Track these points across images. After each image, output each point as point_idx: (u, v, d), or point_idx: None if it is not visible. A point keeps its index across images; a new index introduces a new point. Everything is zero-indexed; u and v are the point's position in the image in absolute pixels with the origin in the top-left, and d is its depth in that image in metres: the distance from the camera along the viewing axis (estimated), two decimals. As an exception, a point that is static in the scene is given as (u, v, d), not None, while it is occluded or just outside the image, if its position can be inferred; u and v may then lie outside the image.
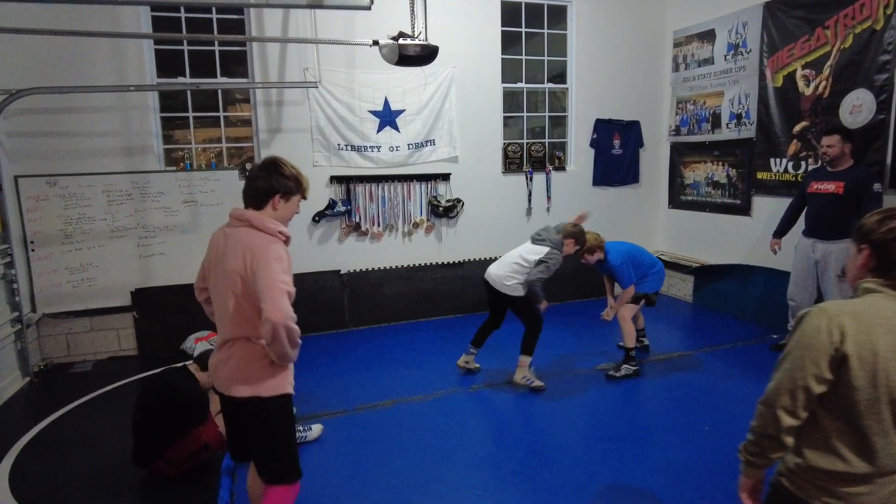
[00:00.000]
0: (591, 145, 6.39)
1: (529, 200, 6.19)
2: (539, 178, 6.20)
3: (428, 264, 5.90)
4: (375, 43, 4.49)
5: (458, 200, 5.87)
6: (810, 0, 4.80)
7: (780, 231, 4.66)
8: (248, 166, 5.28)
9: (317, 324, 5.51)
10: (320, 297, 5.52)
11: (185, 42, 4.98)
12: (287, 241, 2.12)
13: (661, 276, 4.45)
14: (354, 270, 5.66)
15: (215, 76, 5.13)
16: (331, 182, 5.47)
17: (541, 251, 3.94)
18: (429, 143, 5.75)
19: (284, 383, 2.11)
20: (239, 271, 2.00)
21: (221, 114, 5.26)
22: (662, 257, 6.70)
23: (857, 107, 4.49)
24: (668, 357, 4.68)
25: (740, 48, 5.50)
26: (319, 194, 5.42)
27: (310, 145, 5.35)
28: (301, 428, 3.42)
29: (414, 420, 3.69)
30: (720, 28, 5.71)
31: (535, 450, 3.29)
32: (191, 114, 5.16)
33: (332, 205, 5.46)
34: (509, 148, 6.09)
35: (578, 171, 6.40)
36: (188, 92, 5.10)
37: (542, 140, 6.29)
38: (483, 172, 5.99)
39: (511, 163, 6.10)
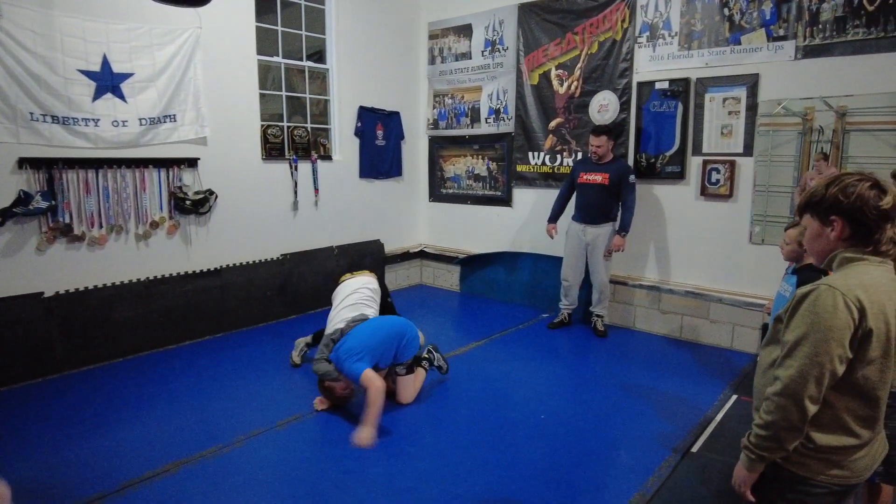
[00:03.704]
0: (356, 134, 5.93)
1: (296, 193, 5.43)
2: (305, 167, 5.47)
3: (174, 275, 4.63)
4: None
5: (210, 192, 4.77)
6: (560, 7, 5.25)
7: (554, 217, 5.01)
8: None
9: (10, 373, 3.81)
10: (14, 333, 3.82)
11: None
12: None
13: (413, 334, 3.59)
14: (66, 291, 4.08)
15: None
16: (20, 167, 3.82)
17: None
18: (168, 119, 4.50)
19: None
20: None
21: None
22: (426, 250, 6.73)
23: (604, 106, 5.09)
24: (466, 350, 4.58)
25: (497, 45, 5.75)
26: (3, 184, 3.74)
27: (-20, 112, 3.62)
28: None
29: (236, 481, 2.74)
30: (477, 23, 5.88)
31: (395, 494, 2.75)
32: None
33: (24, 199, 3.83)
34: (269, 131, 5.22)
35: (345, 162, 5.88)
36: None
37: (306, 125, 5.58)
38: (239, 159, 4.99)
39: (272, 148, 5.24)
